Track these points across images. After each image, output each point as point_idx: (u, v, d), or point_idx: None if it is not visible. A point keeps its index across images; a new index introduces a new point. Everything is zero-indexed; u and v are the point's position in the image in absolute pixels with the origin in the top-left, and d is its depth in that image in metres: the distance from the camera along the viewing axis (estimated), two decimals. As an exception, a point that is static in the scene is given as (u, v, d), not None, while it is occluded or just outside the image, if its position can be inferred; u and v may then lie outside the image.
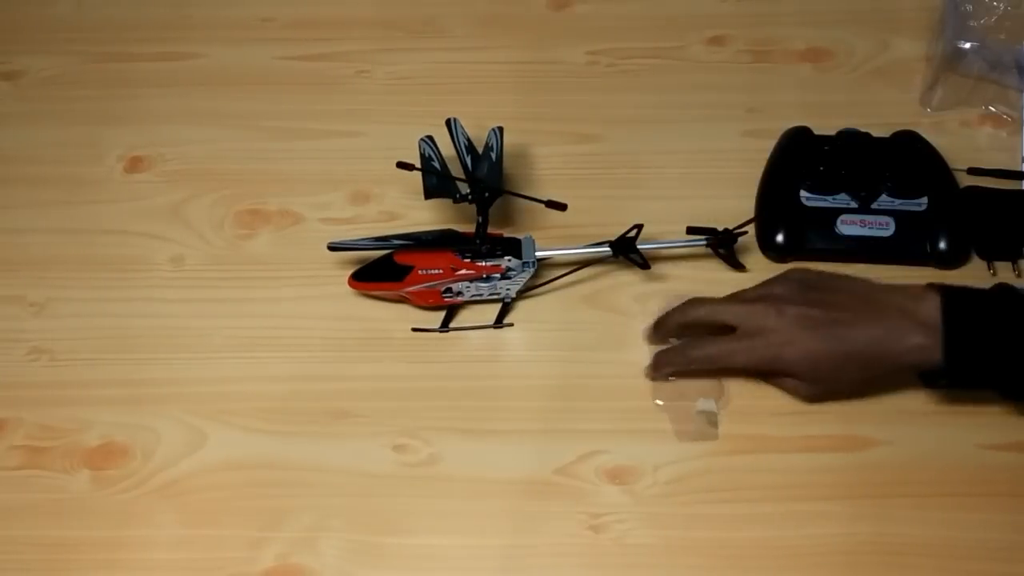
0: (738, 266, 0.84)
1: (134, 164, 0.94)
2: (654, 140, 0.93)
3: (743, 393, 0.79)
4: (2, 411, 0.80)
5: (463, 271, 0.80)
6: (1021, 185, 0.88)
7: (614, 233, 0.81)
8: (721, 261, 0.84)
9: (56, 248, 0.89)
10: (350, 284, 0.82)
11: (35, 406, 0.80)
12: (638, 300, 0.84)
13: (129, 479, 0.77)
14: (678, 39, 1.01)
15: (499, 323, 0.83)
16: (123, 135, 0.96)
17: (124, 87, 0.99)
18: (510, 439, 0.78)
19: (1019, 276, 0.83)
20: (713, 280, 0.84)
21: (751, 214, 0.85)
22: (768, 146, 0.90)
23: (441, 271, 0.80)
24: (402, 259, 0.81)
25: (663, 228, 0.83)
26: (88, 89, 0.99)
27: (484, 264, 0.81)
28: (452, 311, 0.84)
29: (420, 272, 0.80)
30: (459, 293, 0.82)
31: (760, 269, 0.85)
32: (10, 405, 0.80)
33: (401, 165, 0.79)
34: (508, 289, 0.82)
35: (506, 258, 0.81)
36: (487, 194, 0.79)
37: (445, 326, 0.83)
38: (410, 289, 0.81)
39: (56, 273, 0.87)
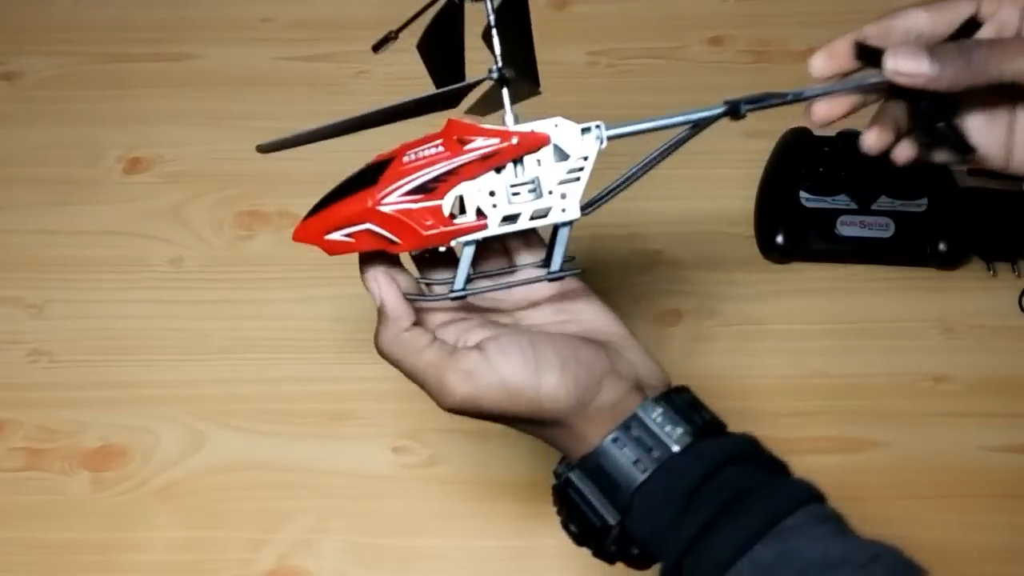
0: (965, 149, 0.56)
1: (133, 165, 0.94)
2: (654, 141, 0.93)
3: (742, 394, 0.79)
4: (1, 413, 0.80)
5: (481, 146, 0.51)
6: (1021, 186, 0.88)
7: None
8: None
9: (55, 249, 0.89)
10: (297, 235, 0.54)
11: (34, 408, 0.80)
12: (638, 302, 0.84)
13: (128, 481, 0.77)
14: (678, 39, 1.01)
15: (558, 269, 0.54)
16: (122, 136, 0.96)
17: (123, 88, 0.99)
18: (510, 440, 0.78)
19: (1019, 276, 0.83)
20: (719, 280, 0.84)
21: (752, 215, 0.85)
22: (768, 147, 0.89)
23: (442, 150, 0.51)
24: (379, 157, 0.53)
25: (662, 229, 0.83)
26: (87, 90, 0.99)
27: (517, 130, 0.51)
28: (467, 257, 0.53)
29: (404, 161, 0.51)
30: (478, 213, 0.52)
31: (761, 270, 0.85)
32: (9, 407, 0.80)
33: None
34: (565, 197, 0.53)
35: (553, 121, 0.52)
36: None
37: (461, 288, 0.53)
38: (388, 204, 0.51)
39: (55, 274, 0.87)
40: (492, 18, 0.52)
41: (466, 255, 0.53)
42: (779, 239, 0.85)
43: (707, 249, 0.84)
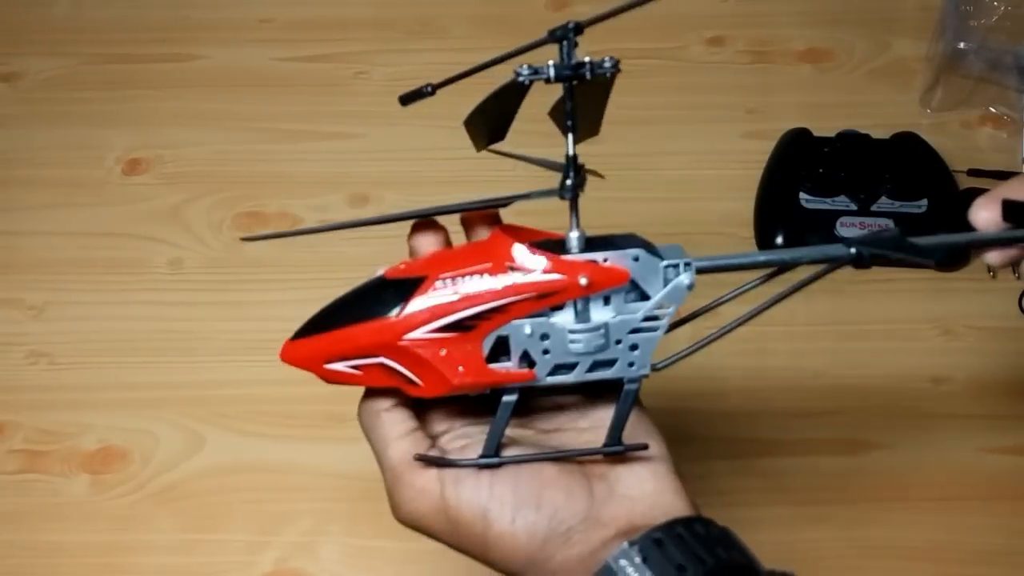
0: None
1: (133, 166, 0.94)
2: (653, 141, 0.93)
3: (742, 395, 0.79)
4: (0, 415, 0.80)
5: (538, 282, 0.42)
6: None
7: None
8: None
9: (54, 251, 0.89)
10: (288, 356, 0.48)
11: (33, 410, 0.80)
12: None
13: (128, 483, 0.77)
14: (678, 39, 1.00)
15: (619, 444, 0.45)
16: (122, 137, 0.95)
17: (123, 89, 0.99)
18: (509, 442, 0.78)
19: (1019, 278, 0.83)
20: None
21: (751, 216, 0.85)
22: (768, 148, 0.89)
23: (486, 280, 0.43)
24: (398, 272, 0.45)
25: (662, 230, 0.82)
26: (87, 91, 0.99)
27: (587, 259, 0.43)
28: (502, 415, 0.44)
29: (437, 287, 0.43)
30: (526, 359, 0.44)
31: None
32: (8, 409, 0.80)
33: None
34: (635, 349, 0.44)
35: (632, 252, 0.44)
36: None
37: (493, 455, 0.44)
38: (412, 339, 0.43)
39: (54, 276, 0.87)
40: (569, 105, 0.43)
41: (501, 414, 0.43)
42: (779, 240, 0.85)
43: (707, 250, 0.83)
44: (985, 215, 0.50)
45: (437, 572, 0.73)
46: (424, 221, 0.47)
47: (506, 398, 0.44)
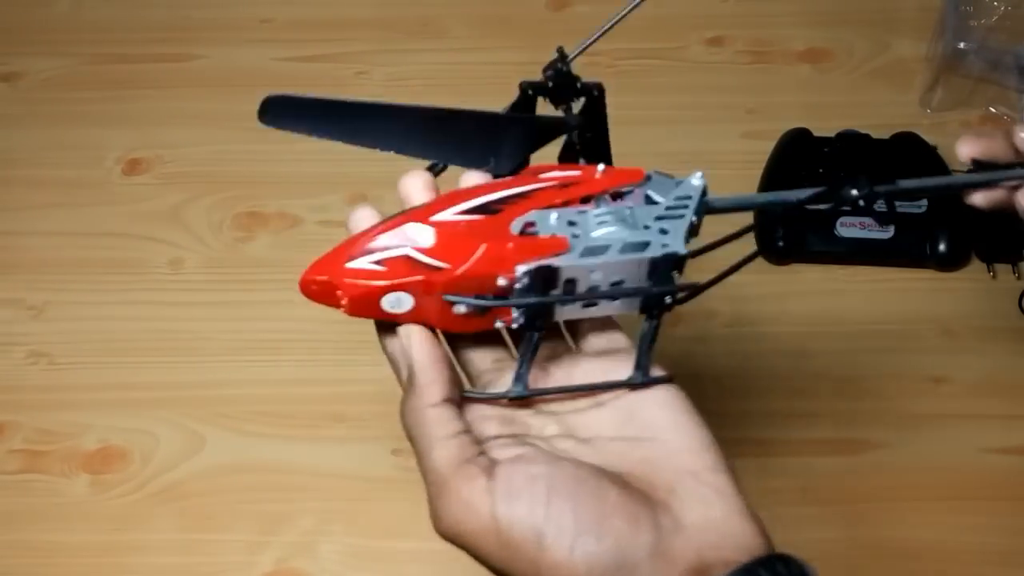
0: None
1: (133, 166, 0.94)
2: (653, 141, 0.93)
3: (742, 395, 0.79)
4: (0, 415, 0.80)
5: (559, 176, 0.44)
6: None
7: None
8: None
9: (54, 251, 0.89)
10: (309, 272, 0.44)
11: (33, 410, 0.80)
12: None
13: (128, 483, 0.77)
14: (678, 39, 1.00)
15: (643, 376, 0.44)
16: (122, 137, 0.95)
17: (123, 89, 0.99)
18: (509, 442, 0.78)
19: (1019, 278, 0.83)
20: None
21: (751, 216, 0.85)
22: (767, 148, 0.89)
23: (512, 180, 0.44)
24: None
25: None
26: (87, 91, 0.99)
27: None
28: (531, 332, 0.43)
29: (464, 188, 0.45)
30: (559, 260, 0.42)
31: (761, 271, 0.85)
32: (8, 409, 0.80)
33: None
34: (666, 233, 0.44)
35: (645, 173, 0.46)
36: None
37: (521, 385, 0.44)
38: (440, 217, 0.43)
39: (54, 276, 0.87)
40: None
41: (526, 347, 0.43)
42: (779, 240, 0.85)
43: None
44: (965, 149, 0.53)
45: (438, 572, 0.73)
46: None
47: (526, 328, 0.43)
